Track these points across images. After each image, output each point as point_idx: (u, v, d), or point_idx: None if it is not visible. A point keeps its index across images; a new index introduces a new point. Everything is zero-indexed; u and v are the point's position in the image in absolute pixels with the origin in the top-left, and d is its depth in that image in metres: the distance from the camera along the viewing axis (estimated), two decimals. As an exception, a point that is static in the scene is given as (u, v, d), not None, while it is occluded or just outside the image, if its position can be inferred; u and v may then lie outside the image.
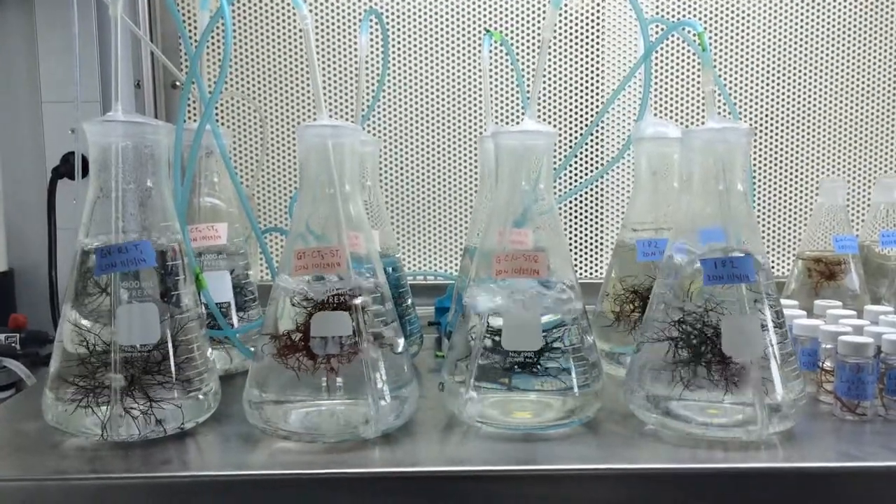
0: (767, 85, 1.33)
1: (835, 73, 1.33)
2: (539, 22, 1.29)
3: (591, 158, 1.33)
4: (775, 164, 1.35)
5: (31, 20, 1.25)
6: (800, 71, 1.33)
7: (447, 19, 1.29)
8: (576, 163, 1.33)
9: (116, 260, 0.66)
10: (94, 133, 0.67)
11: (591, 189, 1.34)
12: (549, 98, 1.31)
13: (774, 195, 1.36)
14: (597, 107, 1.31)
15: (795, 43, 1.32)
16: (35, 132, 1.25)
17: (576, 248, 1.35)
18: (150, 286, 0.68)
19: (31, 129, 1.25)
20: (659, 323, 0.71)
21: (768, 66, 1.32)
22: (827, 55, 1.33)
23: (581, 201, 1.34)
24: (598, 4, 1.29)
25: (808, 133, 1.34)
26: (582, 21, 1.30)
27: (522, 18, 1.29)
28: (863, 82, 1.33)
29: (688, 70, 1.32)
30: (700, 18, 1.30)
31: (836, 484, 0.64)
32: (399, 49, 1.30)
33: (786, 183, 1.36)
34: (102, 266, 0.66)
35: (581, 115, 1.32)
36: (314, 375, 0.66)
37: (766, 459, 0.64)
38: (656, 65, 1.30)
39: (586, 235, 1.35)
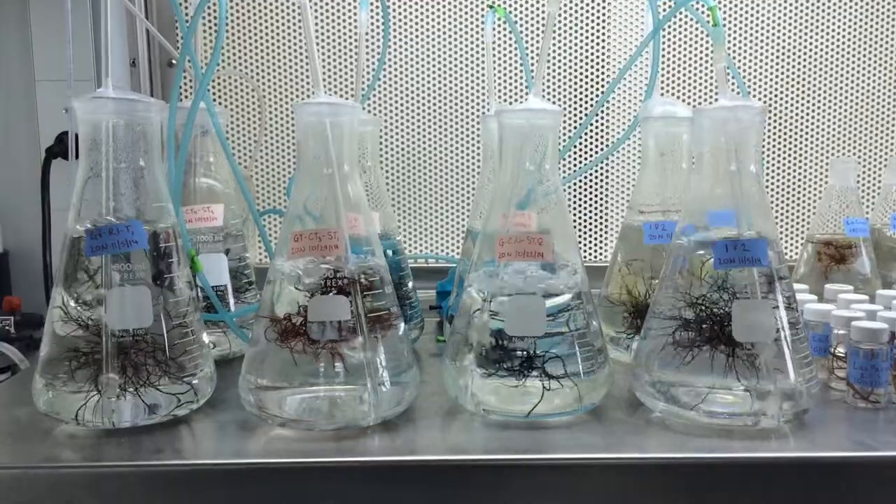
0: (777, 63, 1.30)
1: (846, 52, 1.30)
2: (543, -2, 1.26)
3: (596, 139, 1.31)
4: (785, 145, 1.32)
5: (23, -4, 1.22)
6: (810, 49, 1.30)
7: (449, -4, 1.26)
8: (579, 143, 1.30)
9: (107, 242, 0.64)
10: (83, 110, 0.65)
11: (595, 170, 1.31)
12: (553, 76, 1.29)
13: (784, 176, 1.33)
14: (601, 85, 1.29)
15: (806, 20, 1.29)
16: (28, 111, 1.23)
17: (580, 230, 1.33)
18: (143, 269, 0.66)
19: (24, 108, 1.23)
20: (667, 307, 0.69)
21: (778, 43, 1.30)
22: (838, 34, 1.30)
23: (585, 183, 1.32)
24: (604, -19, 1.27)
25: (819, 113, 1.32)
26: (587, -2, 1.27)
27: (526, -5, 1.27)
28: (875, 62, 1.30)
29: (696, 48, 1.29)
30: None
31: (850, 473, 0.62)
32: (400, 25, 1.27)
33: (795, 164, 1.33)
34: (93, 248, 0.64)
35: (585, 95, 1.29)
36: (312, 361, 0.65)
37: (777, 449, 0.63)
38: (663, 42, 1.27)
39: (590, 217, 1.33)
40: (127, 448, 0.62)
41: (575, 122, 1.29)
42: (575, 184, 1.31)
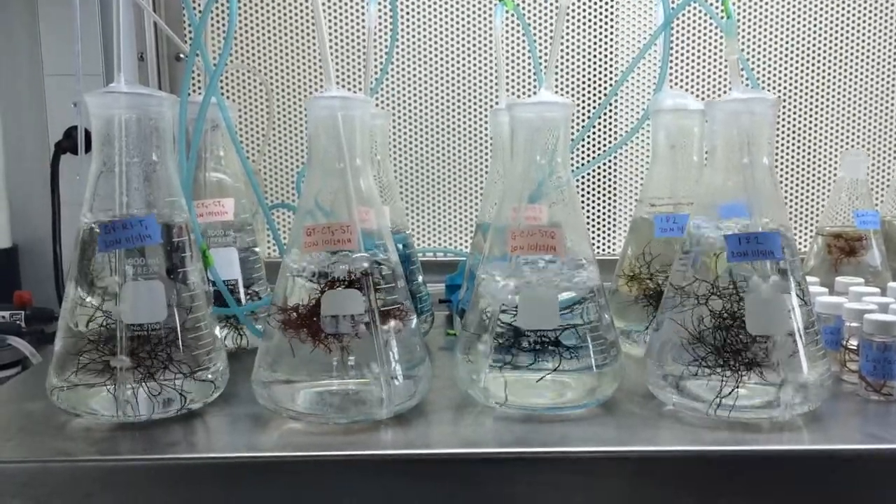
0: (787, 55, 1.30)
1: (857, 43, 1.29)
2: (552, -9, 1.25)
3: (605, 132, 1.30)
4: (795, 137, 1.32)
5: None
6: (820, 41, 1.29)
7: (457, -12, 1.26)
8: (588, 137, 1.30)
9: (121, 236, 0.64)
10: (96, 105, 0.65)
11: (604, 163, 1.31)
12: (563, 69, 1.28)
13: (794, 169, 1.33)
14: (609, 78, 1.28)
15: (816, 12, 1.29)
16: (37, 105, 1.23)
17: (589, 223, 1.32)
18: (156, 263, 0.66)
19: (33, 103, 1.23)
20: (679, 300, 0.69)
21: (787, 35, 1.29)
22: (848, 25, 1.29)
23: (594, 176, 1.32)
24: (612, -27, 1.26)
25: (829, 105, 1.31)
26: (596, -10, 1.27)
27: (535, -13, 1.26)
28: (886, 54, 1.30)
29: (706, 40, 1.28)
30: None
31: (862, 466, 0.62)
32: (408, 18, 1.27)
33: (805, 156, 1.33)
34: (107, 242, 0.64)
35: (594, 87, 1.29)
36: (325, 354, 0.65)
37: (790, 441, 0.63)
38: (673, 34, 1.27)
39: (599, 211, 1.33)
40: (141, 442, 0.63)
41: (584, 115, 1.29)
42: (584, 177, 1.31)
